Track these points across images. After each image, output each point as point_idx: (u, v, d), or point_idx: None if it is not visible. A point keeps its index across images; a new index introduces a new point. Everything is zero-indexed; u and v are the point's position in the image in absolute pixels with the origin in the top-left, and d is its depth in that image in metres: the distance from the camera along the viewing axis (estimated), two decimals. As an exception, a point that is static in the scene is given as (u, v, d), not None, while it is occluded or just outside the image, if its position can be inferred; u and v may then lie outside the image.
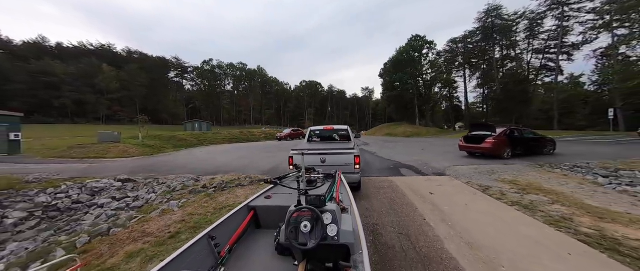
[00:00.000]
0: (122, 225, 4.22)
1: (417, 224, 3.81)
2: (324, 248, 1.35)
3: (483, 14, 38.75)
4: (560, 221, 3.71)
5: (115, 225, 4.18)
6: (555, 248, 3.00)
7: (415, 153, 12.31)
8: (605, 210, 4.14)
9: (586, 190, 5.25)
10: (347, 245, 1.36)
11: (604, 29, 26.00)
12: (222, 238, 1.65)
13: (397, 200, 4.96)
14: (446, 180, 6.52)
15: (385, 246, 3.15)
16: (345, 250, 1.37)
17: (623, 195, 4.89)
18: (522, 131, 9.64)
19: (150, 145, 17.03)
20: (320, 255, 1.39)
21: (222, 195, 5.85)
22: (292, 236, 1.35)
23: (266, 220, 2.14)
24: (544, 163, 7.94)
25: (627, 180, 5.53)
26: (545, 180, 6.00)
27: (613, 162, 7.43)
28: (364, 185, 5.85)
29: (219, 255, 1.55)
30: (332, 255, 1.38)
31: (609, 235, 3.23)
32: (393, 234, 3.49)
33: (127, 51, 61.58)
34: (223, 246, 1.61)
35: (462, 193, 5.36)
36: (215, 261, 1.52)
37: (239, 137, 28.16)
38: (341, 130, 6.93)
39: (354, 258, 1.32)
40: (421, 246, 3.14)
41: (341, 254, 1.38)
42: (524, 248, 3.00)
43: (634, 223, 3.56)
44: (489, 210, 4.32)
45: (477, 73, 44.79)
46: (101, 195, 6.01)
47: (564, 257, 2.81)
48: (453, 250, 2.99)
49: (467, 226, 3.65)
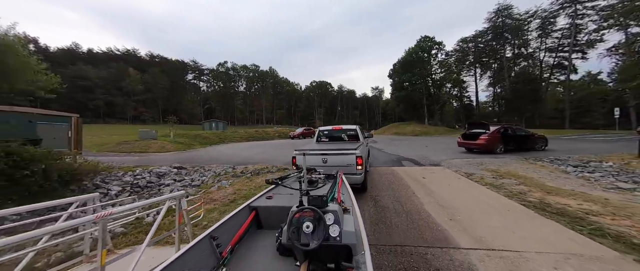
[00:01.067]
0: (194, 195, 5.88)
1: (408, 195, 5.21)
2: (326, 249, 1.36)
3: (493, 14, 38.84)
4: (516, 195, 4.99)
5: (188, 195, 5.85)
6: (501, 208, 4.34)
7: (419, 150, 13.53)
8: (557, 188, 5.36)
9: (553, 176, 6.42)
10: (349, 246, 1.36)
11: (616, 27, 25.82)
12: (224, 239, 1.66)
13: (395, 182, 6.35)
14: (439, 170, 7.82)
15: (382, 206, 4.59)
16: (347, 250, 1.38)
17: (580, 179, 6.05)
18: (515, 129, 10.71)
19: (181, 142, 19.20)
20: (322, 256, 1.41)
21: (257, 178, 7.47)
22: (294, 237, 1.36)
23: (268, 220, 2.14)
24: (530, 158, 9.03)
25: (590, 169, 6.64)
26: (523, 170, 7.18)
27: (592, 156, 8.43)
28: (369, 173, 7.22)
29: (221, 255, 1.55)
30: (334, 255, 1.39)
31: (546, 202, 4.51)
32: (389, 200, 4.92)
33: (150, 55, 65.88)
34: (225, 247, 1.62)
35: (448, 178, 6.68)
36: (217, 261, 1.52)
37: (255, 136, 30.15)
38: (350, 130, 6.89)
39: (356, 259, 1.32)
40: (408, 206, 4.55)
41: (343, 255, 1.39)
42: (479, 208, 4.35)
43: (570, 196, 4.80)
44: (465, 188, 5.65)
45: (488, 72, 44.74)
46: (165, 178, 7.77)
47: (504, 212, 4.14)
48: (429, 209, 4.39)
49: (444, 197, 5.02)
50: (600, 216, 3.75)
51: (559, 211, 4.05)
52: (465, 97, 49.80)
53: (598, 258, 2.66)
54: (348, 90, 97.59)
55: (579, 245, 2.95)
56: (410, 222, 3.82)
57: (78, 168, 6.69)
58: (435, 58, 42.40)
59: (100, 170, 7.52)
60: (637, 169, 6.34)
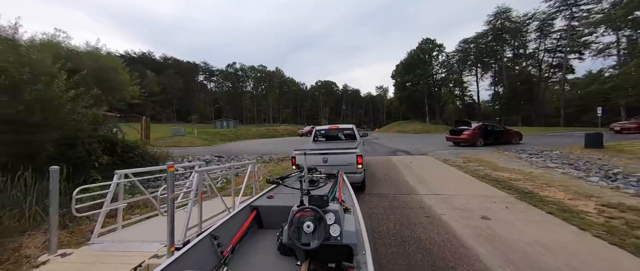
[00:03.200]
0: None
1: (396, 173, 7.36)
2: (327, 249, 1.37)
3: (492, 17, 40.26)
4: (471, 171, 7.08)
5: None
6: (456, 178, 6.46)
7: (414, 144, 15.60)
8: (504, 167, 7.42)
9: (508, 160, 8.46)
10: (350, 246, 1.37)
11: (608, 29, 27.16)
12: (225, 238, 1.67)
13: (389, 166, 8.50)
14: (424, 158, 9.94)
15: (375, 178, 6.75)
16: (348, 250, 1.39)
17: (527, 162, 8.07)
18: (493, 126, 12.72)
19: (204, 138, 21.71)
20: (323, 256, 1.43)
21: (282, 163, 9.73)
22: (295, 237, 1.37)
23: (269, 220, 2.16)
24: (502, 149, 11.02)
25: (539, 156, 8.65)
26: (489, 156, 9.23)
27: (548, 147, 10.38)
28: (368, 162, 9.34)
29: (222, 255, 1.57)
30: (335, 255, 1.41)
31: (489, 175, 6.59)
32: (381, 175, 7.08)
33: (163, 58, 69.07)
34: (226, 246, 1.64)
35: (429, 163, 8.80)
36: (218, 261, 1.54)
37: (266, 134, 32.60)
38: (347, 130, 7.02)
39: (357, 259, 1.33)
40: (394, 178, 6.71)
41: (344, 255, 1.40)
42: (441, 178, 6.48)
43: (509, 171, 6.86)
44: (438, 168, 7.78)
45: (490, 72, 46.15)
46: (211, 164, 10.08)
47: (457, 180, 6.26)
48: (409, 180, 6.52)
49: (420, 173, 7.16)
50: (517, 181, 5.82)
51: (493, 179, 6.15)
52: (467, 96, 51.34)
53: (494, 197, 4.78)
54: (353, 90, 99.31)
55: (489, 192, 5.07)
56: (394, 185, 5.99)
57: (155, 154, 9.08)
58: (436, 59, 44.15)
59: (166, 156, 9.90)
60: (571, 155, 8.34)
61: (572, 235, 3.07)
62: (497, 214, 3.85)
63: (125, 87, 13.58)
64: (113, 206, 3.22)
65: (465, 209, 4.11)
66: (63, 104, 5.33)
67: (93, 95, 6.40)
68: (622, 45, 26.84)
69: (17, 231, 3.46)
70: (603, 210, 3.84)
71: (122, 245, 2.83)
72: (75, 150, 5.59)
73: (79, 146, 5.68)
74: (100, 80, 10.63)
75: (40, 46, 9.39)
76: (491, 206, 4.19)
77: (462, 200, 4.57)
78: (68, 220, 3.93)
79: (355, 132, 6.87)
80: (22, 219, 3.73)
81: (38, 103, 4.90)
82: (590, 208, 3.96)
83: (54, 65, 5.75)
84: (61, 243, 3.18)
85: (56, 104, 5.22)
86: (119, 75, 13.05)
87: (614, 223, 3.35)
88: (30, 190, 4.04)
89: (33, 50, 5.84)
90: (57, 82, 5.34)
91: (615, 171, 6.11)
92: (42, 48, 8.75)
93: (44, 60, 5.67)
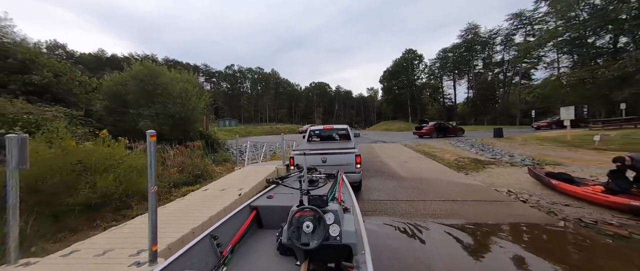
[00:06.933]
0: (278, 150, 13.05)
1: (374, 155, 12.40)
2: (327, 249, 1.38)
3: (464, 31, 46.78)
4: (420, 151, 12.28)
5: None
6: (404, 151, 11.70)
7: (392, 137, 20.90)
8: (435, 146, 12.68)
9: (445, 146, 13.71)
10: (349, 246, 1.38)
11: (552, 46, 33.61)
12: (224, 238, 1.68)
13: (369, 150, 13.57)
14: (394, 145, 15.16)
15: (362, 153, 11.87)
16: (347, 250, 1.40)
17: (451, 145, 13.36)
18: (443, 124, 18.23)
19: (224, 133, 26.18)
20: (323, 255, 1.44)
21: (302, 149, 14.71)
22: (294, 237, 1.38)
23: (268, 220, 2.17)
24: (446, 140, 16.37)
25: (465, 143, 14.02)
26: (435, 144, 14.48)
27: (474, 139, 15.82)
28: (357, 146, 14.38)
29: (222, 254, 1.57)
30: (334, 255, 1.42)
31: (423, 150, 11.81)
32: (364, 152, 12.18)
33: (165, 59, 71.97)
34: (225, 246, 1.64)
35: (396, 147, 14.01)
36: (218, 261, 1.55)
37: (270, 131, 37.28)
38: (341, 130, 7.15)
39: (356, 259, 1.33)
40: (372, 156, 11.82)
41: (343, 254, 1.41)
42: (401, 154, 11.67)
43: (448, 152, 12.02)
44: (399, 149, 12.99)
45: (464, 78, 52.69)
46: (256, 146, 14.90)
47: (404, 152, 11.49)
48: (382, 157, 11.57)
49: (389, 152, 12.31)
50: (433, 151, 11.01)
51: (422, 151, 11.38)
52: (447, 98, 57.85)
53: (415, 157, 9.99)
54: (345, 91, 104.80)
55: (415, 156, 10.30)
56: (371, 155, 11.12)
57: (218, 140, 13.88)
58: (418, 67, 50.30)
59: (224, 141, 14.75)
60: (480, 142, 13.75)
61: (438, 166, 8.22)
62: (412, 161, 9.01)
63: (207, 98, 17.59)
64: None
65: (400, 161, 9.26)
66: (196, 108, 10.19)
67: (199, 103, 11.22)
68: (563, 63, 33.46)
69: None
70: (459, 159, 9.04)
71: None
72: (194, 134, 10.51)
73: (196, 131, 10.57)
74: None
75: (188, 75, 12.31)
76: (411, 159, 9.37)
77: (400, 158, 9.73)
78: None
79: (349, 132, 7.06)
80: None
81: (191, 109, 9.73)
82: (453, 159, 9.19)
83: (194, 89, 10.66)
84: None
85: (196, 109, 10.07)
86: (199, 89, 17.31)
87: (459, 163, 8.53)
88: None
89: (194, 78, 10.67)
90: (195, 98, 10.20)
91: (490, 148, 11.45)
92: (189, 77, 12.06)
93: (195, 83, 10.59)
